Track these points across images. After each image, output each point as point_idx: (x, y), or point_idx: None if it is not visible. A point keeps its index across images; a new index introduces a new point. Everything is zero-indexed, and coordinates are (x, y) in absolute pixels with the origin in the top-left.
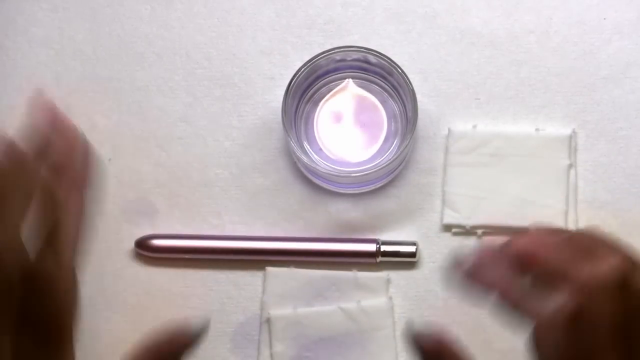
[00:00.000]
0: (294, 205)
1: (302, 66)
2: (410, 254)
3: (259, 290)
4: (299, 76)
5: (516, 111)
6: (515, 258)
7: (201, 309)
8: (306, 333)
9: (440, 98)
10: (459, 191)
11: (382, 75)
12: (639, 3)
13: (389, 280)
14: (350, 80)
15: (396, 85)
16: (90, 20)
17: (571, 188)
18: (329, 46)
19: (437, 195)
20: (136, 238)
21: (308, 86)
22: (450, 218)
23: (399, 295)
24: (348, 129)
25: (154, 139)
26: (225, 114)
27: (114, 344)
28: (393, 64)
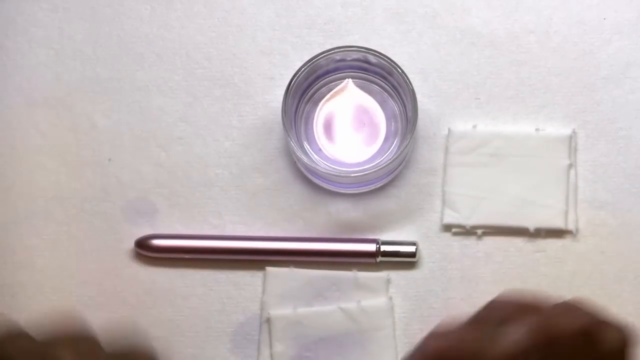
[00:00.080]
0: (294, 205)
1: (302, 66)
2: (410, 254)
3: (259, 290)
4: (299, 76)
5: (516, 111)
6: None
7: (201, 309)
8: (306, 333)
9: (440, 98)
10: (459, 191)
11: (382, 75)
12: (639, 3)
13: (389, 280)
14: (350, 80)
15: (396, 85)
16: (90, 20)
17: (571, 188)
18: (329, 46)
19: (437, 195)
20: (136, 238)
21: (308, 86)
22: (450, 218)
23: (399, 295)
24: (348, 129)
25: (154, 139)
26: (225, 114)
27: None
28: (393, 64)
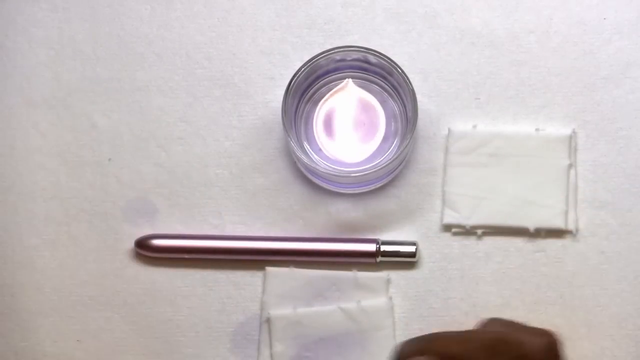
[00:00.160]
0: (293, 205)
1: (302, 66)
2: (410, 254)
3: (259, 290)
4: (299, 76)
5: (516, 111)
6: None
7: (201, 309)
8: (306, 333)
9: (440, 98)
10: (459, 191)
11: (382, 75)
12: (639, 3)
13: (389, 280)
14: (350, 80)
15: (396, 85)
16: (90, 20)
17: (571, 188)
18: (329, 46)
19: (437, 195)
20: (136, 238)
21: (308, 86)
22: (450, 218)
23: (399, 295)
24: (348, 129)
25: (154, 139)
26: (225, 114)
27: (114, 344)
28: (393, 64)
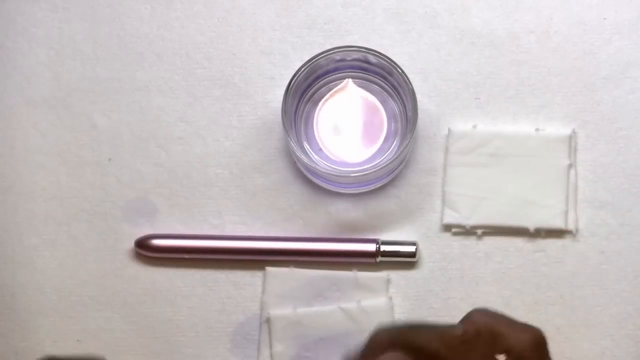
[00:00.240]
0: (293, 205)
1: (302, 66)
2: (410, 254)
3: (259, 290)
4: (299, 76)
5: (516, 111)
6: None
7: (201, 309)
8: (306, 333)
9: (440, 98)
10: (459, 191)
11: (382, 75)
12: (639, 3)
13: (389, 280)
14: (350, 80)
15: (396, 85)
16: (90, 20)
17: (571, 188)
18: (329, 46)
19: (437, 195)
20: (136, 238)
21: (308, 86)
22: (450, 218)
23: (399, 295)
24: (348, 129)
25: (154, 139)
26: (225, 114)
27: (114, 344)
28: (393, 64)
